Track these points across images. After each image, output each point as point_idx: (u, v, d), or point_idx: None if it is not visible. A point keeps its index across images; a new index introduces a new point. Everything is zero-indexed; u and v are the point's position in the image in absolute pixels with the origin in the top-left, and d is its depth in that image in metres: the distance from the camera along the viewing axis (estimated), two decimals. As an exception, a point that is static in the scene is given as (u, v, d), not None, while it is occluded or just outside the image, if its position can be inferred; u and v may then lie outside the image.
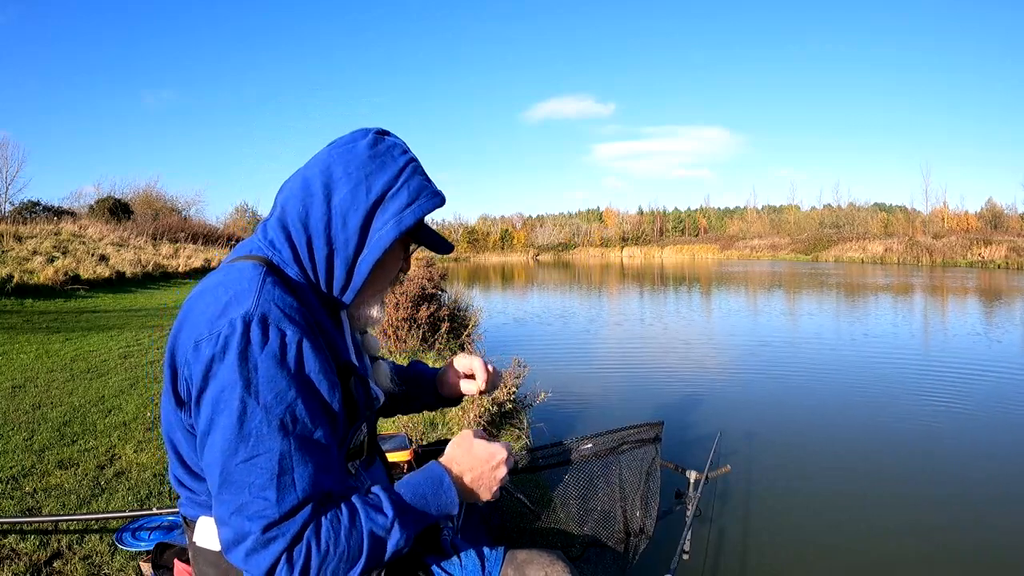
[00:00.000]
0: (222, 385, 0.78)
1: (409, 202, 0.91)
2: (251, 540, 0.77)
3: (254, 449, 0.78)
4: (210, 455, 0.80)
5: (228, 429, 0.78)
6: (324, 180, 0.90)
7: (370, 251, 0.91)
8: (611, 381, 6.45)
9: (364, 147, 0.92)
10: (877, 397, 5.59)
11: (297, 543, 0.78)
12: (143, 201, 30.83)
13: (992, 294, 16.06)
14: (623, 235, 70.54)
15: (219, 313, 0.81)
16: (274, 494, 0.77)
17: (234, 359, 0.78)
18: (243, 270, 0.87)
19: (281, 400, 0.79)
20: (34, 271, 11.61)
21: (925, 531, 3.05)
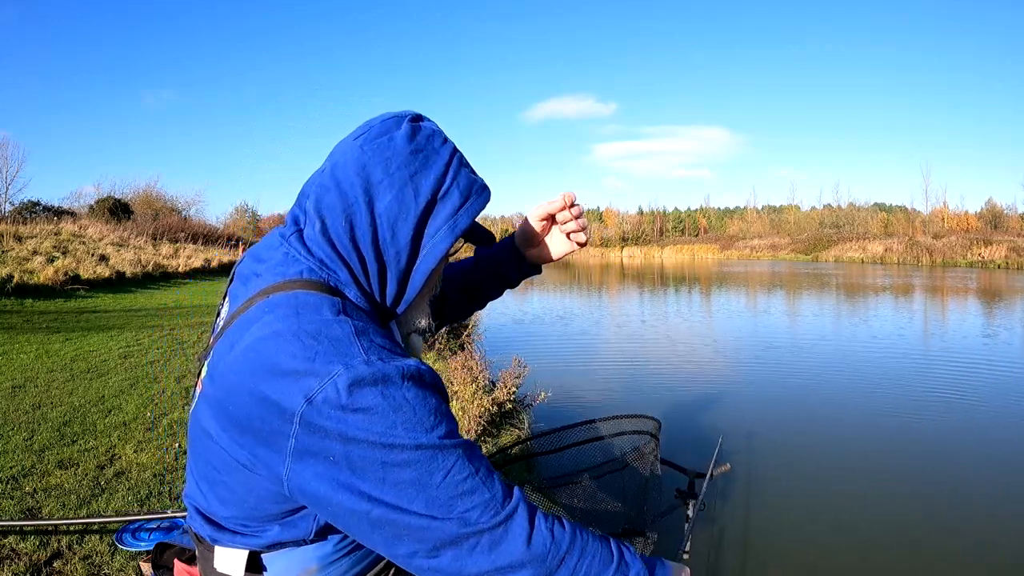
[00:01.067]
0: (375, 431, 0.69)
1: (462, 202, 0.83)
2: (486, 538, 0.71)
3: (444, 466, 0.70)
4: (394, 495, 0.69)
5: (408, 463, 0.69)
6: (363, 184, 0.79)
7: (424, 262, 0.83)
8: (611, 381, 6.45)
9: (402, 140, 0.81)
10: (878, 397, 5.59)
11: (533, 509, 0.74)
12: (143, 201, 30.84)
13: (992, 294, 16.06)
14: (623, 235, 70.53)
15: (323, 361, 0.70)
16: (484, 488, 0.72)
17: (379, 403, 0.69)
18: (320, 304, 0.76)
19: (438, 413, 0.73)
20: (34, 271, 11.61)
21: (926, 530, 3.05)
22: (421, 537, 0.71)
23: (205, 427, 0.79)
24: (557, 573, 0.72)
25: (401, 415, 0.70)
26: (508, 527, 0.71)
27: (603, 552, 0.76)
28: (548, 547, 0.72)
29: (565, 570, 0.73)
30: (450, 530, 0.70)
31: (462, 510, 0.70)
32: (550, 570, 0.72)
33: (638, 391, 5.98)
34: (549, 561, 0.72)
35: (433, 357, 6.14)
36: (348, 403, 0.68)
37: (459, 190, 0.82)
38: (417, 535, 0.71)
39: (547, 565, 0.72)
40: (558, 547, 0.73)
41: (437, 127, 0.87)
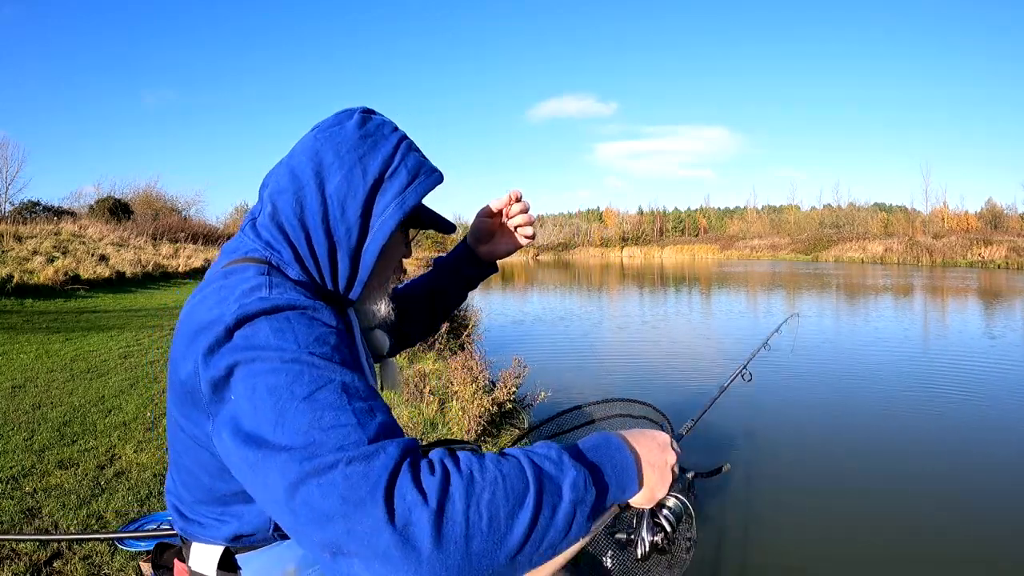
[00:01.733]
0: (254, 348, 0.66)
1: (409, 181, 0.85)
2: (339, 472, 0.55)
3: (310, 385, 0.62)
4: (251, 419, 0.62)
5: (270, 376, 0.63)
6: (314, 168, 0.82)
7: (374, 239, 0.84)
8: (612, 381, 6.45)
9: (352, 127, 0.85)
10: (878, 396, 5.59)
11: (416, 458, 0.58)
12: (143, 201, 30.83)
13: (993, 294, 16.06)
14: (623, 235, 70.54)
15: (230, 306, 0.71)
16: (351, 417, 0.60)
17: (261, 322, 0.68)
18: (244, 272, 0.78)
19: (323, 342, 0.68)
20: (34, 271, 11.61)
21: (926, 530, 3.05)
22: (276, 478, 0.58)
23: (168, 412, 0.80)
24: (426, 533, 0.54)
25: (280, 332, 0.67)
26: (369, 468, 0.56)
27: (509, 485, 0.58)
28: (409, 508, 0.54)
29: (449, 529, 0.54)
30: (299, 459, 0.57)
31: (319, 433, 0.58)
32: (412, 536, 0.54)
33: (638, 391, 5.98)
34: (413, 524, 0.54)
35: (433, 357, 6.14)
36: (235, 338, 0.67)
37: (407, 170, 0.85)
38: (273, 474, 0.59)
39: (410, 530, 0.54)
40: (432, 508, 0.54)
41: (387, 119, 0.90)
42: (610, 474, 0.68)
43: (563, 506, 0.60)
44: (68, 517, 2.48)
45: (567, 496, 0.61)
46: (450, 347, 6.56)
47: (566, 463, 0.63)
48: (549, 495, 0.60)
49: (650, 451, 0.73)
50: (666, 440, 0.77)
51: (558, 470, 0.62)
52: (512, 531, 0.56)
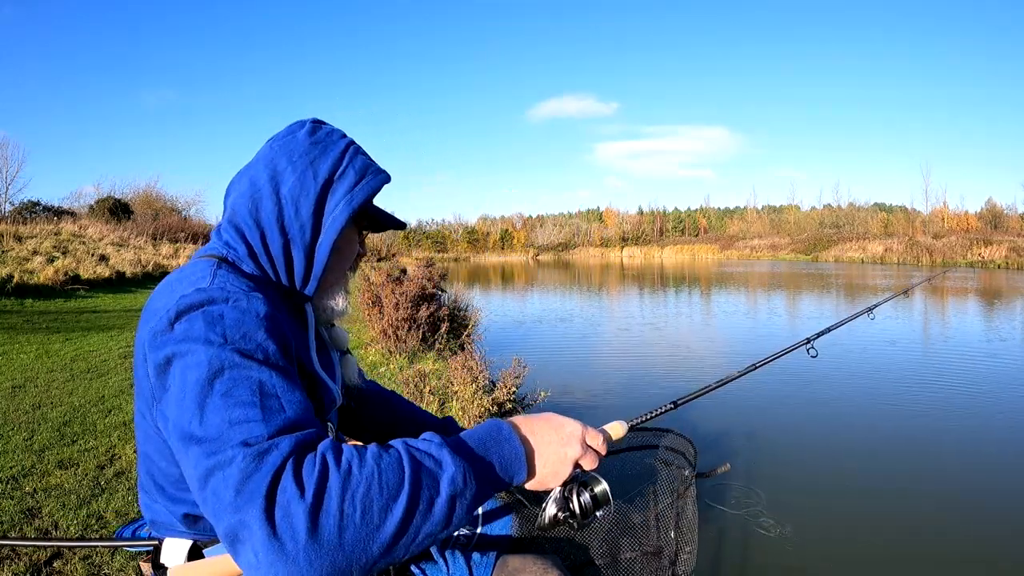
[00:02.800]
0: (185, 339, 0.71)
1: (357, 180, 0.92)
2: (236, 466, 0.59)
3: (229, 382, 0.67)
4: (178, 415, 0.67)
5: (197, 370, 0.67)
6: (270, 173, 0.90)
7: (326, 234, 0.91)
8: (611, 380, 6.45)
9: (304, 136, 0.92)
10: (878, 396, 5.59)
11: (303, 454, 0.62)
12: (143, 201, 30.81)
13: (993, 294, 16.06)
14: (623, 235, 70.54)
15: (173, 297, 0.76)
16: (259, 414, 0.64)
17: (198, 316, 0.72)
18: (196, 265, 0.84)
19: (250, 339, 0.72)
20: (34, 271, 11.61)
21: (927, 530, 3.05)
22: (192, 470, 0.64)
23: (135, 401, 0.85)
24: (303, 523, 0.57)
25: (211, 327, 0.71)
26: (262, 463, 0.60)
27: (386, 478, 0.62)
28: (288, 501, 0.58)
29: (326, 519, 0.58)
30: (207, 452, 0.62)
31: (226, 428, 0.63)
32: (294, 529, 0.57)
33: (638, 389, 5.98)
34: (291, 516, 0.57)
35: (433, 357, 6.14)
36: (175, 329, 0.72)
37: (354, 170, 0.92)
38: (189, 466, 0.64)
39: (289, 521, 0.57)
40: (303, 505, 0.58)
41: (336, 128, 0.97)
42: (496, 465, 0.71)
43: (440, 500, 0.64)
44: (68, 517, 2.48)
45: (445, 491, 0.65)
46: (450, 347, 6.56)
47: (445, 459, 0.66)
48: (426, 489, 0.64)
49: (547, 443, 0.76)
50: (573, 432, 0.79)
51: (436, 465, 0.66)
52: (385, 523, 0.60)
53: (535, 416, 0.80)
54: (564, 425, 0.79)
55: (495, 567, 1.04)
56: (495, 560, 1.05)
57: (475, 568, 1.04)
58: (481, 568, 1.04)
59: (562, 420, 0.80)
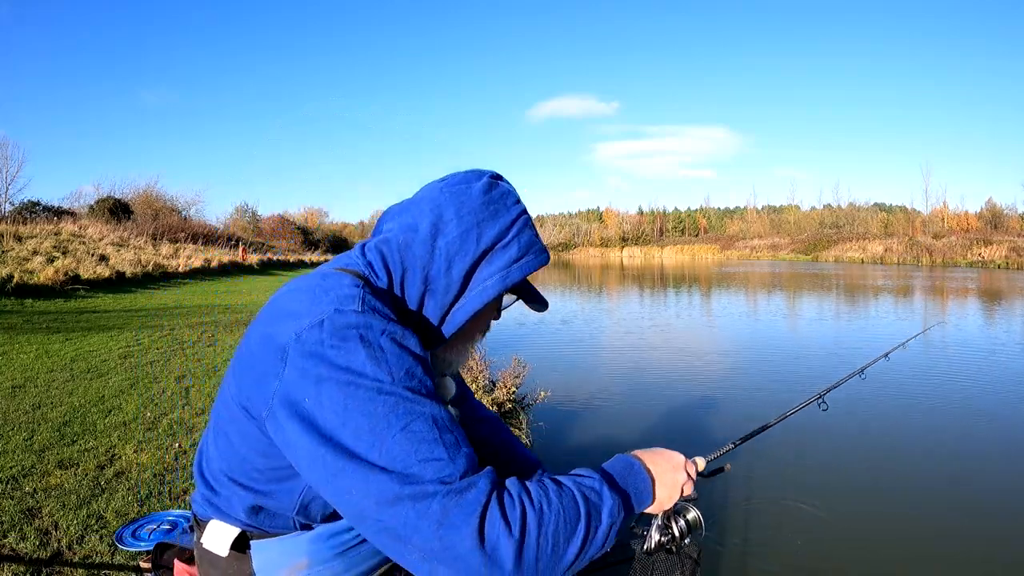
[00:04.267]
0: (348, 369, 0.72)
1: (518, 257, 0.89)
2: (438, 502, 0.67)
3: (406, 417, 0.71)
4: (352, 441, 0.71)
5: (370, 404, 0.71)
6: (433, 219, 0.87)
7: (470, 301, 0.88)
8: (611, 380, 6.44)
9: (479, 191, 0.89)
10: (878, 396, 5.58)
11: (500, 493, 0.69)
12: (143, 201, 30.79)
13: (994, 294, 16.06)
14: (623, 235, 70.55)
15: (322, 304, 0.77)
16: (444, 452, 0.70)
17: (357, 343, 0.74)
18: (343, 278, 0.83)
19: (412, 375, 0.75)
20: (34, 271, 11.61)
21: (927, 530, 3.05)
22: (368, 493, 0.69)
23: (225, 382, 0.87)
24: (509, 560, 0.67)
25: (376, 362, 0.73)
26: (461, 501, 0.67)
27: (566, 515, 0.72)
28: (497, 536, 0.66)
29: (526, 554, 0.67)
30: (396, 485, 0.68)
31: (416, 465, 0.68)
32: (500, 562, 0.66)
33: (638, 389, 5.98)
34: (499, 550, 0.66)
35: (433, 357, 6.14)
36: (329, 340, 0.73)
37: (519, 245, 0.89)
38: (365, 488, 0.69)
39: (497, 554, 0.66)
40: (515, 538, 0.67)
41: (512, 188, 0.95)
42: (633, 496, 0.83)
43: (602, 528, 0.75)
44: (68, 517, 2.48)
45: (605, 520, 0.76)
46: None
47: (605, 493, 0.77)
48: (594, 520, 0.75)
49: (663, 471, 0.88)
50: (680, 462, 0.91)
51: (599, 499, 0.76)
52: (568, 552, 0.71)
53: (650, 450, 0.91)
54: (673, 456, 0.91)
55: None
56: None
57: None
58: None
59: (671, 452, 0.92)
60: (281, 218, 50.89)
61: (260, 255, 27.80)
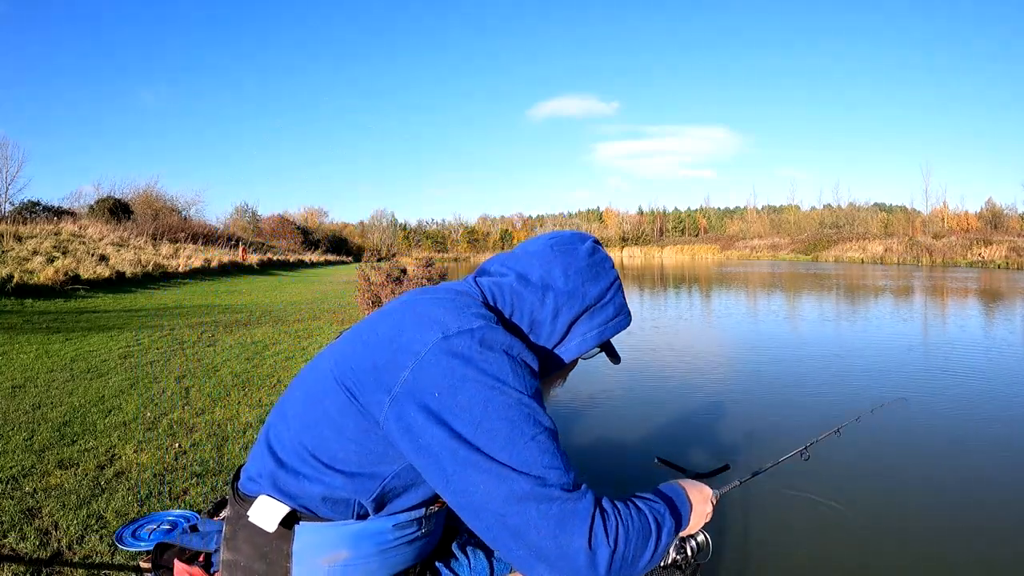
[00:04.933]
0: (492, 375, 0.81)
1: (614, 316, 1.03)
2: (557, 506, 0.77)
3: (536, 427, 0.81)
4: (487, 440, 0.79)
5: (509, 411, 0.80)
6: (542, 274, 0.98)
7: (569, 348, 1.00)
8: (611, 379, 6.44)
9: (584, 253, 1.02)
10: (878, 395, 5.58)
11: (599, 508, 0.80)
12: (143, 201, 30.79)
13: (994, 294, 16.06)
14: (623, 235, 70.58)
15: (468, 315, 0.87)
16: (562, 463, 0.80)
17: (502, 353, 0.83)
18: (473, 299, 0.95)
19: (537, 392, 0.85)
20: (34, 271, 11.61)
21: (929, 530, 3.05)
22: (496, 489, 0.78)
23: (324, 361, 0.95)
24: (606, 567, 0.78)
25: (517, 375, 0.83)
26: (577, 508, 0.78)
27: (643, 532, 0.84)
28: (599, 542, 0.78)
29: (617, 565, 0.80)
30: (526, 486, 0.77)
31: (542, 470, 0.78)
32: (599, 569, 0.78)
33: (638, 389, 5.98)
34: (599, 554, 0.78)
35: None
36: (478, 347, 0.83)
37: (614, 306, 1.03)
38: (495, 484, 0.78)
39: (596, 557, 0.77)
40: (611, 547, 0.79)
41: (609, 256, 1.08)
42: (680, 519, 0.95)
43: (663, 544, 0.87)
44: (68, 517, 2.48)
45: (665, 539, 0.88)
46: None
47: (667, 517, 0.89)
48: (658, 537, 0.86)
49: (697, 502, 1.02)
50: (708, 494, 1.05)
51: (663, 520, 0.88)
52: (640, 562, 0.83)
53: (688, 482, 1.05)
54: (704, 489, 1.04)
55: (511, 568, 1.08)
56: None
57: (496, 564, 1.09)
58: (502, 564, 1.09)
59: (702, 485, 1.05)
60: (281, 218, 50.95)
61: (260, 255, 27.80)
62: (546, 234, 1.07)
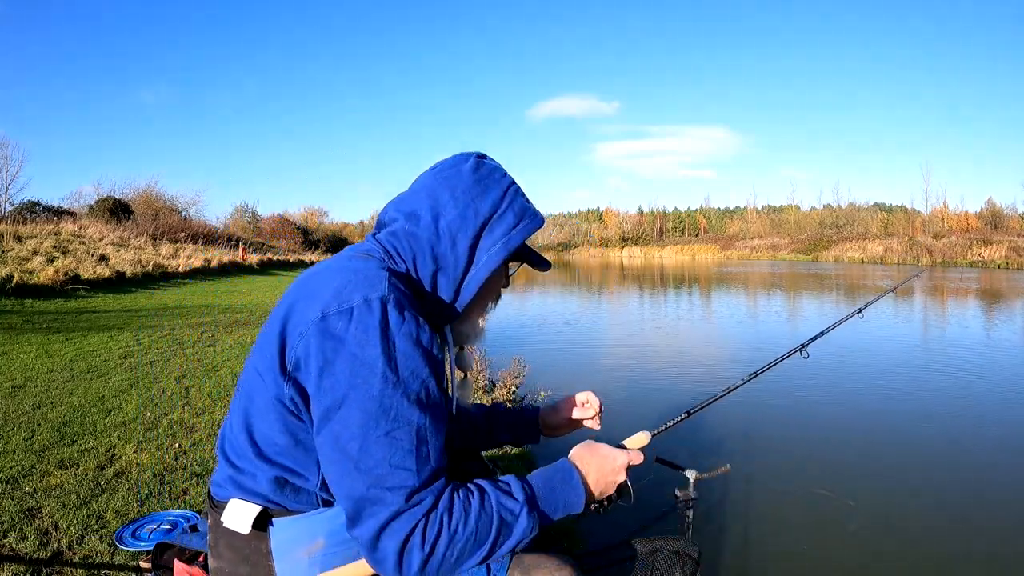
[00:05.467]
0: (361, 360, 0.79)
1: (515, 223, 0.96)
2: (389, 512, 0.77)
3: (394, 423, 0.79)
4: (340, 429, 0.80)
5: (368, 402, 0.79)
6: (431, 203, 0.94)
7: (478, 271, 0.95)
8: (611, 380, 6.44)
9: (468, 171, 0.96)
10: (878, 396, 5.58)
11: (431, 514, 0.80)
12: (143, 201, 30.76)
13: (994, 294, 16.06)
14: (623, 235, 70.55)
15: (351, 290, 0.83)
16: (414, 464, 0.79)
17: (376, 335, 0.80)
18: (368, 263, 0.90)
19: (416, 377, 0.82)
20: (34, 271, 11.60)
21: (927, 530, 3.05)
22: (343, 478, 0.80)
23: (251, 355, 0.94)
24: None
25: (388, 360, 0.80)
26: (403, 513, 0.78)
27: (476, 538, 0.83)
28: (411, 548, 0.79)
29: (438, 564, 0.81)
30: (364, 482, 0.78)
31: (386, 469, 0.79)
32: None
33: (638, 389, 5.98)
34: (409, 559, 0.79)
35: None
36: (355, 323, 0.80)
37: (514, 212, 0.97)
38: (342, 473, 0.80)
39: (407, 559, 0.79)
40: (424, 552, 0.79)
41: (499, 164, 1.02)
42: (561, 506, 0.92)
43: (509, 544, 0.85)
44: (68, 517, 2.48)
45: (514, 539, 0.85)
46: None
47: (522, 517, 0.86)
48: (502, 539, 0.84)
49: (603, 474, 0.97)
50: (621, 464, 0.99)
51: (515, 521, 0.85)
52: (468, 562, 0.82)
53: (594, 453, 0.98)
54: (616, 458, 0.99)
55: (511, 563, 1.09)
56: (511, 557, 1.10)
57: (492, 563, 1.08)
58: (498, 563, 1.09)
59: (614, 454, 0.99)
60: (281, 218, 50.89)
61: (260, 255, 27.78)
62: (432, 166, 1.04)
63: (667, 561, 1.27)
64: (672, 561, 1.23)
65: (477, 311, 1.04)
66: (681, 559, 1.21)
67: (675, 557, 1.15)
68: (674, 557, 1.17)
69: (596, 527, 2.84)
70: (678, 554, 1.26)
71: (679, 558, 1.22)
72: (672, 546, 1.32)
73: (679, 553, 1.26)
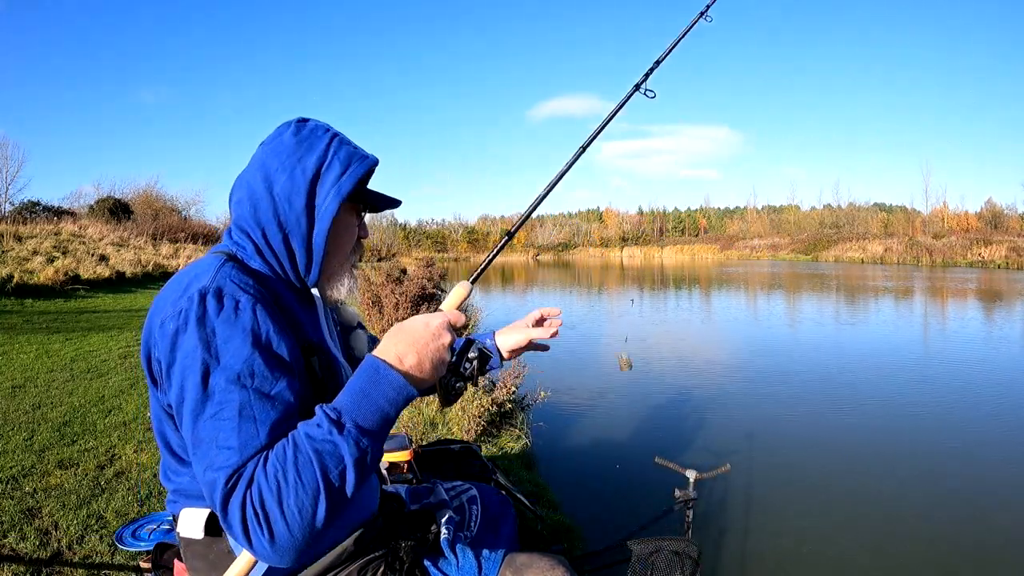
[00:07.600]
0: (185, 352, 0.83)
1: (343, 170, 0.97)
2: (221, 493, 0.77)
3: (217, 405, 0.81)
4: (183, 421, 0.83)
5: (194, 390, 0.81)
6: (263, 175, 0.97)
7: (320, 223, 0.97)
8: (611, 380, 6.44)
9: (289, 136, 0.98)
10: (877, 397, 5.58)
11: (252, 484, 0.77)
12: (143, 201, 30.73)
13: (994, 295, 16.05)
14: (623, 235, 70.55)
15: (180, 293, 0.87)
16: (236, 441, 0.79)
17: (194, 327, 0.83)
18: (205, 260, 0.94)
19: (238, 358, 0.83)
20: (34, 271, 11.60)
21: (925, 530, 3.05)
22: (195, 467, 0.81)
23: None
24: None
25: (205, 346, 0.83)
26: (231, 498, 0.77)
27: (308, 491, 0.77)
28: (248, 520, 0.76)
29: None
30: (201, 464, 0.80)
31: (214, 450, 0.79)
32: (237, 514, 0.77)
33: (638, 389, 5.98)
34: (253, 531, 0.76)
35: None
36: (185, 317, 0.84)
37: (339, 161, 0.98)
38: (194, 461, 0.81)
39: (252, 533, 0.76)
40: (264, 529, 0.76)
41: (321, 123, 1.03)
42: (386, 403, 0.84)
43: (349, 469, 0.78)
44: (68, 517, 2.48)
45: (349, 461, 0.78)
46: (450, 347, 6.55)
47: (337, 440, 0.79)
48: (334, 469, 0.78)
49: (422, 347, 0.88)
50: (440, 324, 0.91)
51: (334, 447, 0.78)
52: (319, 508, 0.76)
53: (400, 329, 0.90)
54: (429, 323, 0.90)
55: (503, 563, 1.09)
56: (503, 557, 1.12)
57: (484, 563, 1.11)
58: (490, 563, 1.11)
59: (426, 319, 0.91)
60: (281, 218, 50.77)
61: (260, 255, 27.67)
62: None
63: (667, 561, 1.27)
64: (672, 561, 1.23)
65: (338, 265, 1.05)
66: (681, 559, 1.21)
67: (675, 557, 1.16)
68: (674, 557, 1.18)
69: (596, 527, 2.84)
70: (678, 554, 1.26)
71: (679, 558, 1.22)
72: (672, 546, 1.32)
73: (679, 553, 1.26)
